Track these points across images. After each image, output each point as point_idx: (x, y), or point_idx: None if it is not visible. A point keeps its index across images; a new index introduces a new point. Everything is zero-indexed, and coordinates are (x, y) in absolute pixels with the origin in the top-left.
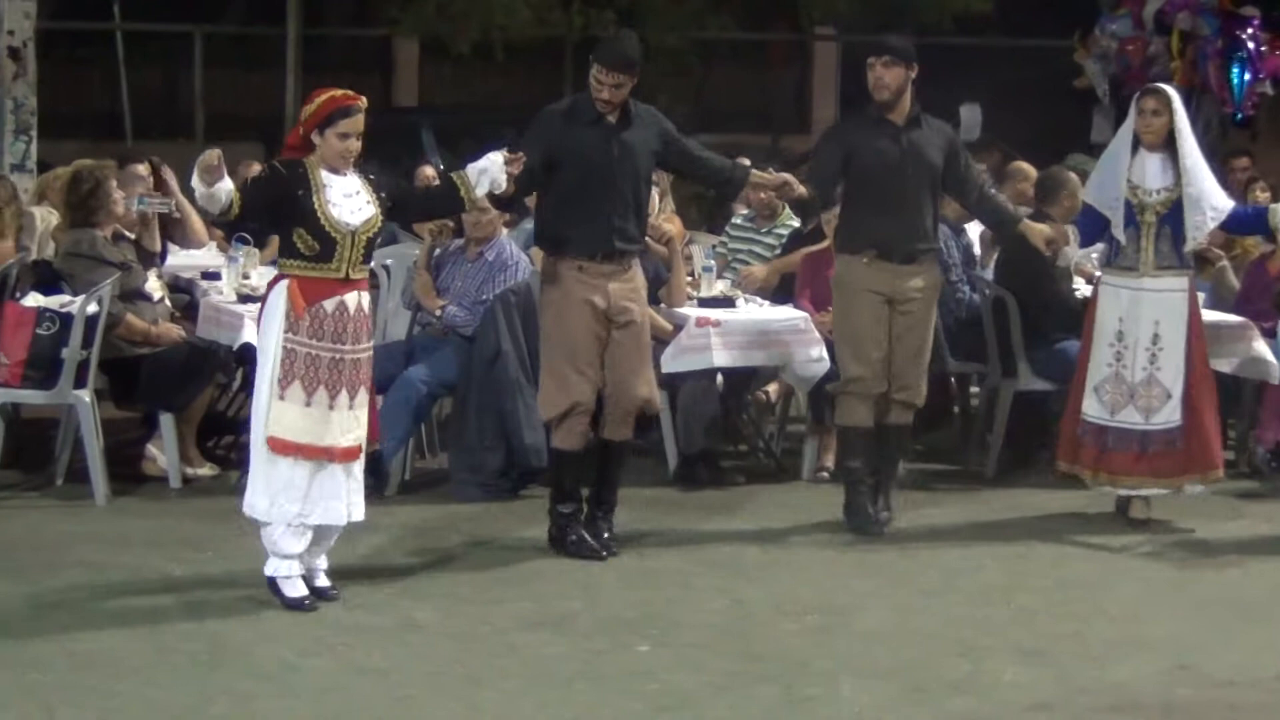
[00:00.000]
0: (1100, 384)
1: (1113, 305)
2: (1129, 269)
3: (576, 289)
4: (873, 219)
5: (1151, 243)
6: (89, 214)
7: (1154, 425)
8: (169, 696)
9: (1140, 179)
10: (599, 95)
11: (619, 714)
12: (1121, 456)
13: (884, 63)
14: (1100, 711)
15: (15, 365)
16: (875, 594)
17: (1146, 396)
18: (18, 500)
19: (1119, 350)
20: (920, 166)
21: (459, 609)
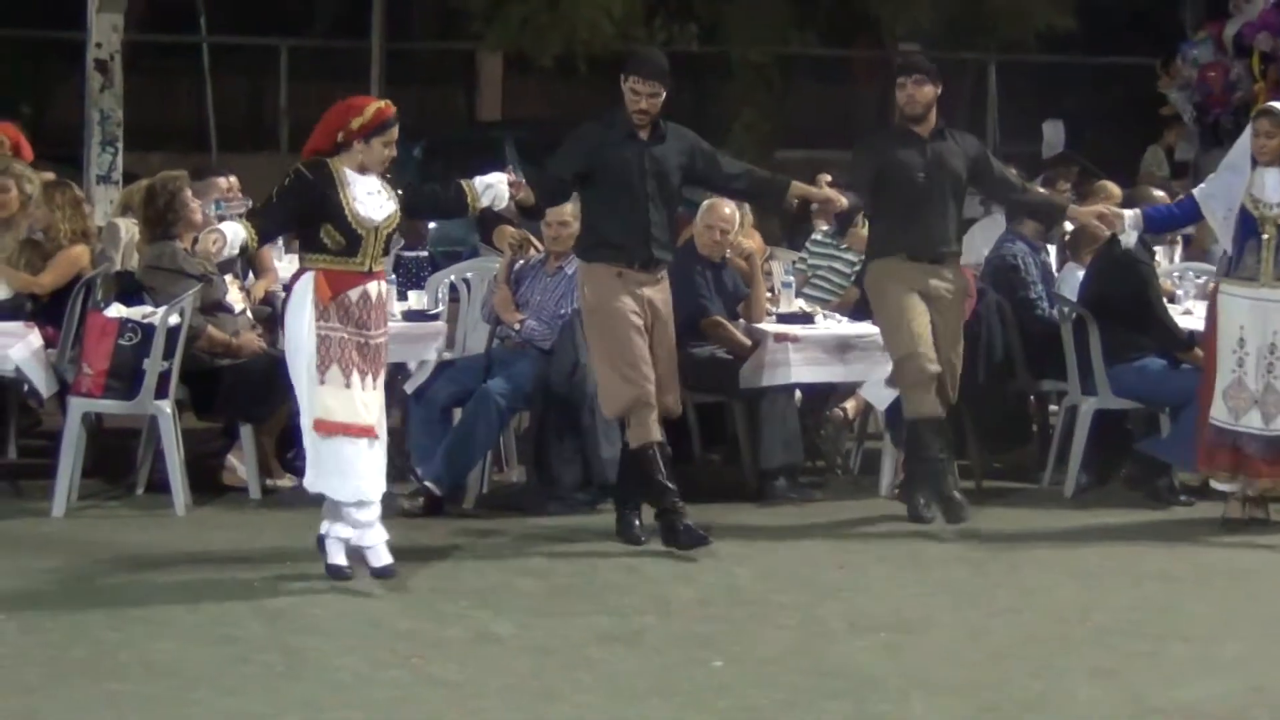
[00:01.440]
0: (1227, 389)
1: (1234, 313)
2: (1249, 279)
3: (618, 294)
4: (902, 225)
5: (1272, 254)
6: (168, 226)
7: (1275, 431)
8: (244, 706)
9: (1261, 192)
10: (637, 106)
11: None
12: (1252, 461)
13: (914, 80)
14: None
15: (98, 375)
16: (949, 611)
17: (1267, 404)
18: (99, 509)
19: (1241, 357)
20: (944, 175)
21: (534, 622)
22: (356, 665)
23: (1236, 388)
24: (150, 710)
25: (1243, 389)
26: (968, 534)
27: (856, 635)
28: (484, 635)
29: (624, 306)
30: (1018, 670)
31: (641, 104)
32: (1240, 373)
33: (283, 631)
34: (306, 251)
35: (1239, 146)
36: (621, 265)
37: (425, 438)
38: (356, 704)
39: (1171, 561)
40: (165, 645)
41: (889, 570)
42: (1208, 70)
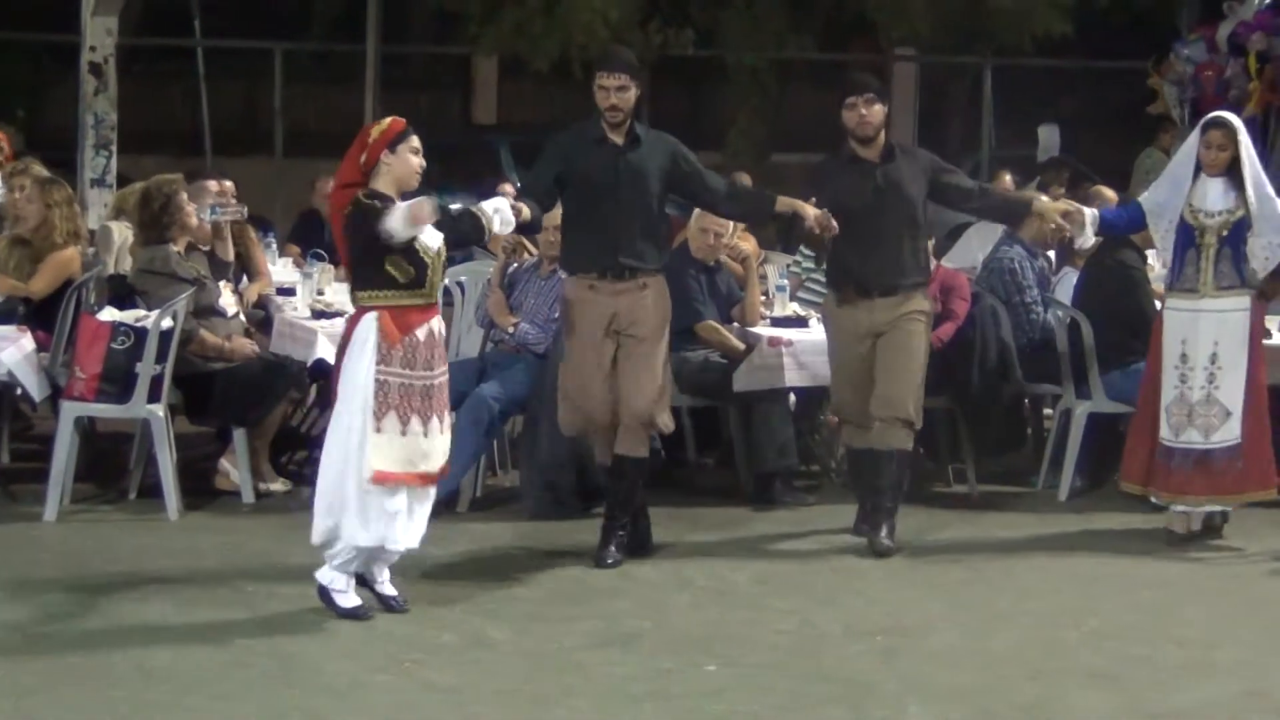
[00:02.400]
0: (1169, 406)
1: (1176, 328)
2: (1190, 290)
3: (589, 308)
4: (851, 257)
5: (1211, 264)
6: (162, 230)
7: (1214, 444)
8: (240, 711)
9: (1201, 203)
10: (607, 102)
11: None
12: (1179, 475)
13: (866, 100)
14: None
15: (90, 379)
16: (945, 616)
17: (1206, 416)
18: (91, 514)
19: (1183, 372)
20: (897, 203)
21: (529, 627)
22: (351, 670)
23: (1178, 404)
24: (145, 715)
25: (1183, 404)
26: (963, 537)
27: (852, 640)
28: (478, 640)
29: (588, 326)
30: (1014, 675)
31: (611, 99)
32: (1183, 388)
33: (277, 637)
34: (369, 289)
35: (1183, 156)
36: (593, 277)
37: None
38: (351, 709)
39: (1167, 566)
40: (159, 650)
41: (884, 574)
42: (1203, 69)
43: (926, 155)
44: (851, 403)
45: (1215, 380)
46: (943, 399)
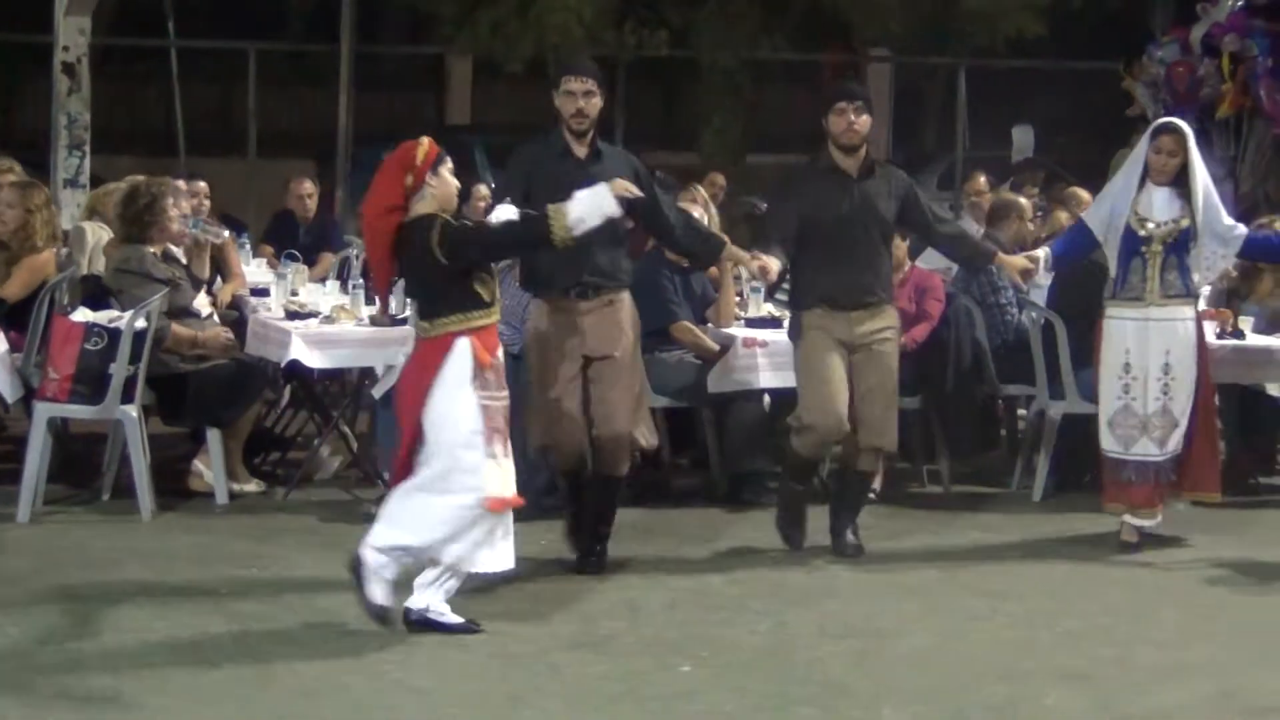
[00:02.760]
0: (1113, 418)
1: (1119, 339)
2: (1136, 299)
3: (554, 329)
4: (823, 273)
5: (1158, 273)
6: (142, 229)
7: (1167, 455)
8: (213, 713)
9: (1148, 211)
10: (574, 108)
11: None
12: (1141, 490)
13: (856, 108)
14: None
15: (63, 380)
16: (918, 617)
17: (1161, 427)
18: (64, 515)
19: (1127, 382)
20: (872, 219)
21: (502, 628)
22: (324, 672)
23: (1124, 415)
24: (117, 716)
25: (1130, 416)
26: (937, 538)
27: (826, 641)
28: (452, 642)
29: (559, 344)
30: (987, 676)
31: (578, 103)
32: (1127, 399)
33: (250, 638)
34: (457, 313)
35: (1130, 164)
36: (556, 296)
37: (393, 442)
38: (325, 711)
39: (1140, 567)
40: (132, 651)
41: (858, 576)
42: (1175, 67)
43: (904, 178)
44: (836, 427)
45: (1170, 391)
46: (917, 400)
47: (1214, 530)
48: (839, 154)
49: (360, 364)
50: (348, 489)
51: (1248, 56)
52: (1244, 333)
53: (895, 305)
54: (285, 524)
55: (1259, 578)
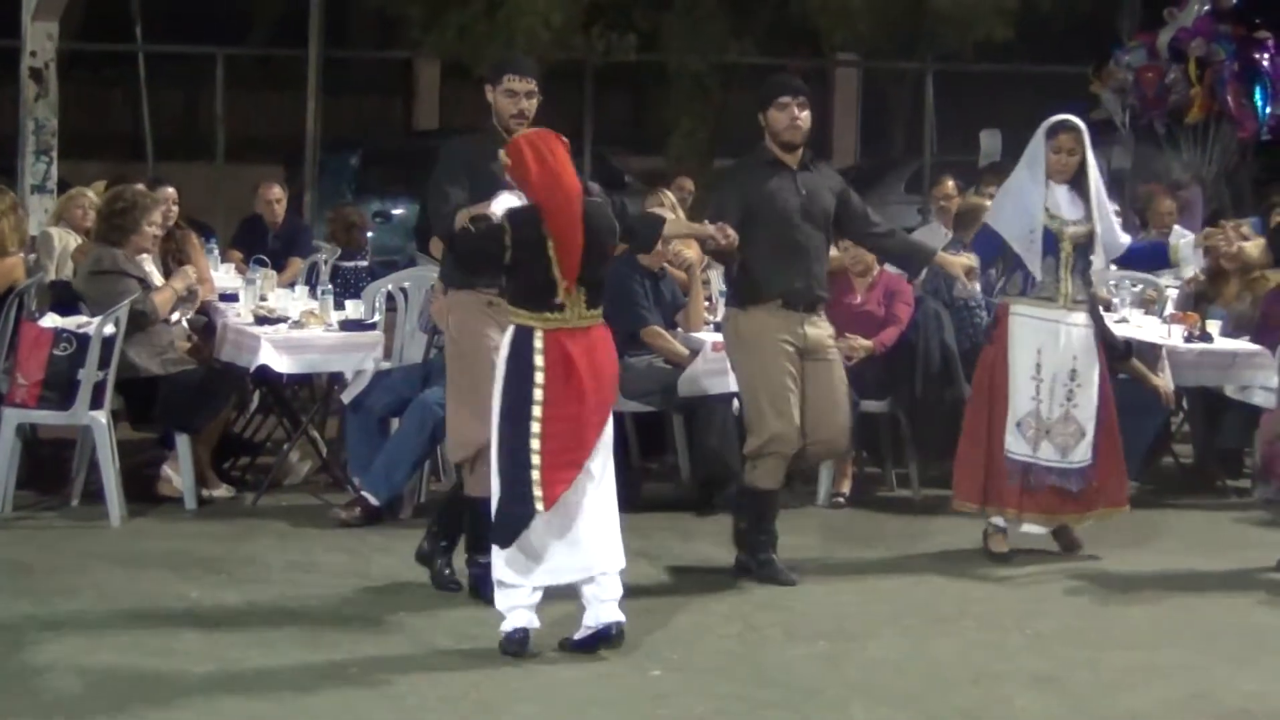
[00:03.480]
0: (1023, 420)
1: (1029, 338)
2: (1048, 299)
3: (484, 328)
4: (776, 268)
5: (1069, 274)
6: (117, 232)
7: (1070, 464)
8: (183, 716)
9: (1057, 209)
10: (515, 108)
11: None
12: (1044, 495)
13: (800, 103)
14: None
15: (32, 386)
16: (888, 620)
17: (1063, 434)
18: (34, 520)
19: (1037, 384)
20: (816, 214)
21: (473, 631)
22: (295, 677)
23: (1035, 417)
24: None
25: (1038, 419)
26: (906, 541)
27: (796, 644)
28: (422, 645)
29: (487, 345)
30: (957, 679)
31: (520, 104)
32: (1037, 401)
33: (221, 644)
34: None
35: (1027, 162)
36: (491, 293)
37: (362, 447)
38: (297, 715)
39: (1108, 569)
40: (102, 656)
41: (828, 579)
42: (1144, 72)
43: (837, 175)
44: (792, 424)
45: (1074, 398)
46: (886, 403)
47: (1183, 533)
48: (779, 150)
49: (329, 369)
50: (317, 494)
51: (1214, 61)
52: (1211, 336)
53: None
54: (255, 529)
55: (1228, 580)
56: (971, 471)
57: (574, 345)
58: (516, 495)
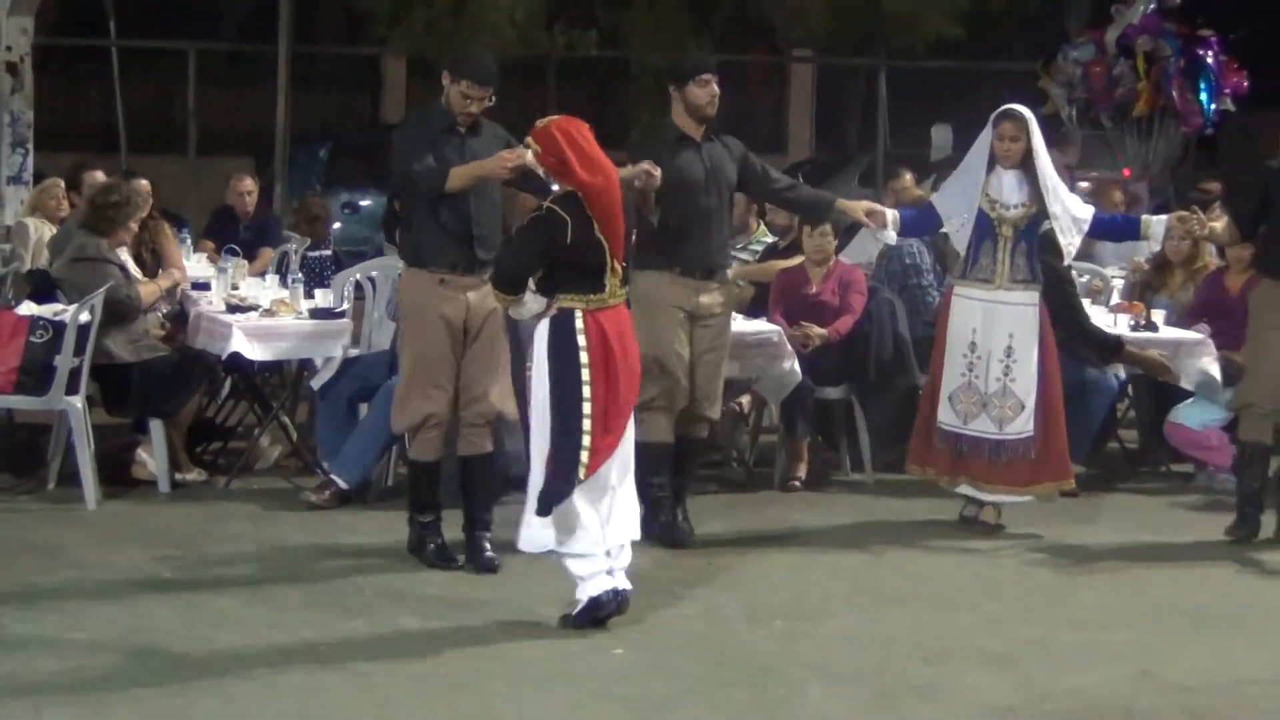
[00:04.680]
0: (954, 393)
1: (966, 317)
2: (985, 281)
3: (436, 303)
4: (679, 237)
5: (1008, 255)
6: (105, 222)
7: (1008, 435)
8: (156, 696)
9: (999, 194)
10: (465, 109)
11: (594, 716)
12: (975, 464)
13: (715, 81)
14: (1062, 716)
15: (9, 372)
16: (843, 600)
17: (1000, 407)
18: (11, 503)
19: (971, 361)
20: (720, 183)
21: (440, 612)
22: (268, 656)
23: (965, 391)
24: (64, 700)
25: (972, 392)
26: (861, 523)
27: (754, 624)
28: (392, 627)
29: (441, 319)
30: (910, 657)
31: (472, 108)
32: (970, 376)
33: (194, 624)
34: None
35: (975, 149)
36: (444, 271)
37: (331, 432)
38: (268, 694)
39: (1059, 550)
40: (78, 636)
41: (786, 559)
42: (1092, 66)
43: (738, 143)
44: (676, 383)
45: (1010, 373)
46: (841, 389)
47: (1131, 515)
48: (690, 123)
49: (299, 356)
50: (287, 477)
51: (1161, 57)
52: (1156, 325)
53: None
54: (227, 511)
55: (1175, 560)
56: (918, 439)
57: (609, 323)
58: (565, 468)
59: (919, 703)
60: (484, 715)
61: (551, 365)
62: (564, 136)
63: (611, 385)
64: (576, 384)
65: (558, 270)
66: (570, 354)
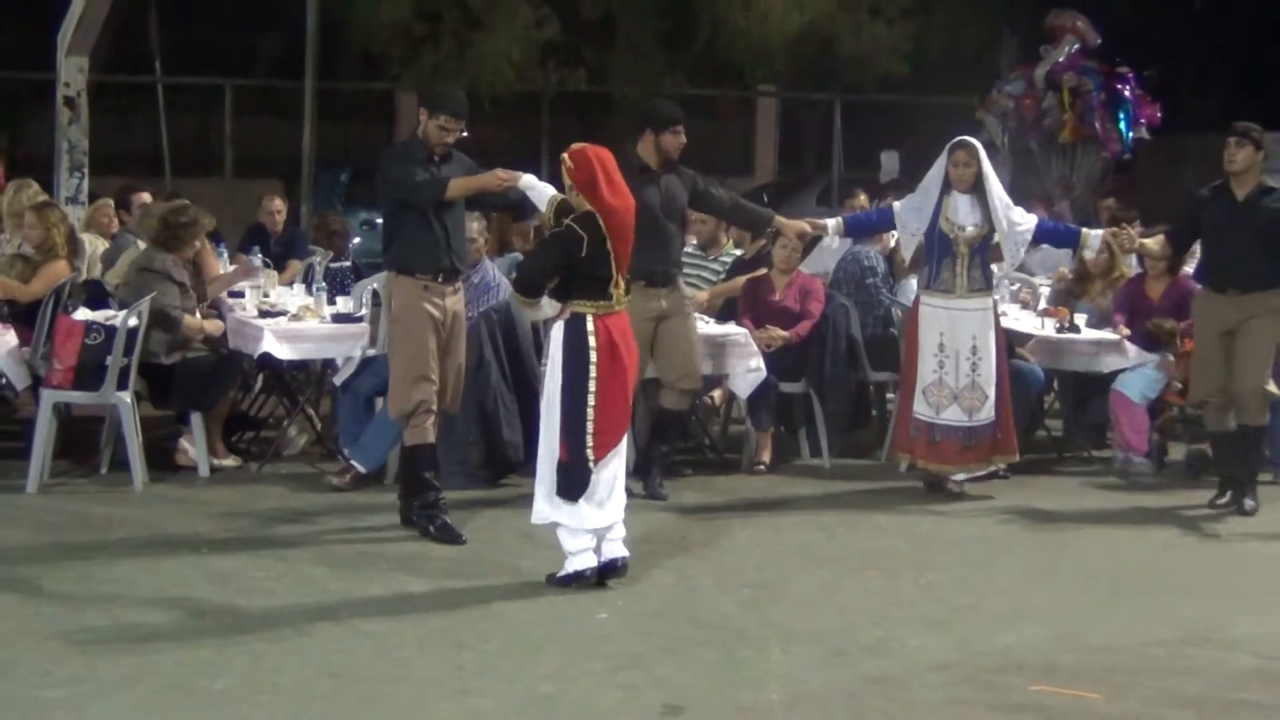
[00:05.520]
0: (927, 388)
1: (933, 323)
2: (947, 292)
3: (422, 304)
4: (642, 255)
5: (965, 270)
6: (175, 240)
7: (977, 422)
8: (196, 655)
9: (955, 216)
10: (443, 140)
11: (581, 673)
12: (947, 447)
13: (683, 130)
14: (993, 672)
15: (67, 370)
16: (802, 571)
17: (970, 399)
18: (68, 486)
19: (941, 359)
20: (674, 206)
21: (446, 582)
22: (293, 619)
23: (937, 386)
24: (115, 660)
25: (943, 387)
26: (818, 502)
27: (724, 591)
28: (403, 593)
29: (427, 318)
30: (861, 621)
31: (449, 138)
32: (941, 373)
33: (229, 591)
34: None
35: (932, 173)
36: (427, 278)
37: (351, 423)
38: (294, 653)
39: (989, 525)
40: (127, 603)
41: (751, 534)
42: (1023, 99)
43: (690, 171)
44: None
45: (977, 369)
46: (800, 384)
47: (1055, 494)
48: (655, 158)
49: (323, 356)
50: (312, 463)
51: (1084, 91)
52: (1079, 327)
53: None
54: (259, 493)
55: (1093, 535)
56: (901, 430)
57: (614, 327)
58: (578, 455)
59: (868, 660)
60: (485, 671)
61: (565, 362)
62: (597, 160)
63: (618, 379)
64: (585, 381)
65: (572, 280)
66: (583, 356)
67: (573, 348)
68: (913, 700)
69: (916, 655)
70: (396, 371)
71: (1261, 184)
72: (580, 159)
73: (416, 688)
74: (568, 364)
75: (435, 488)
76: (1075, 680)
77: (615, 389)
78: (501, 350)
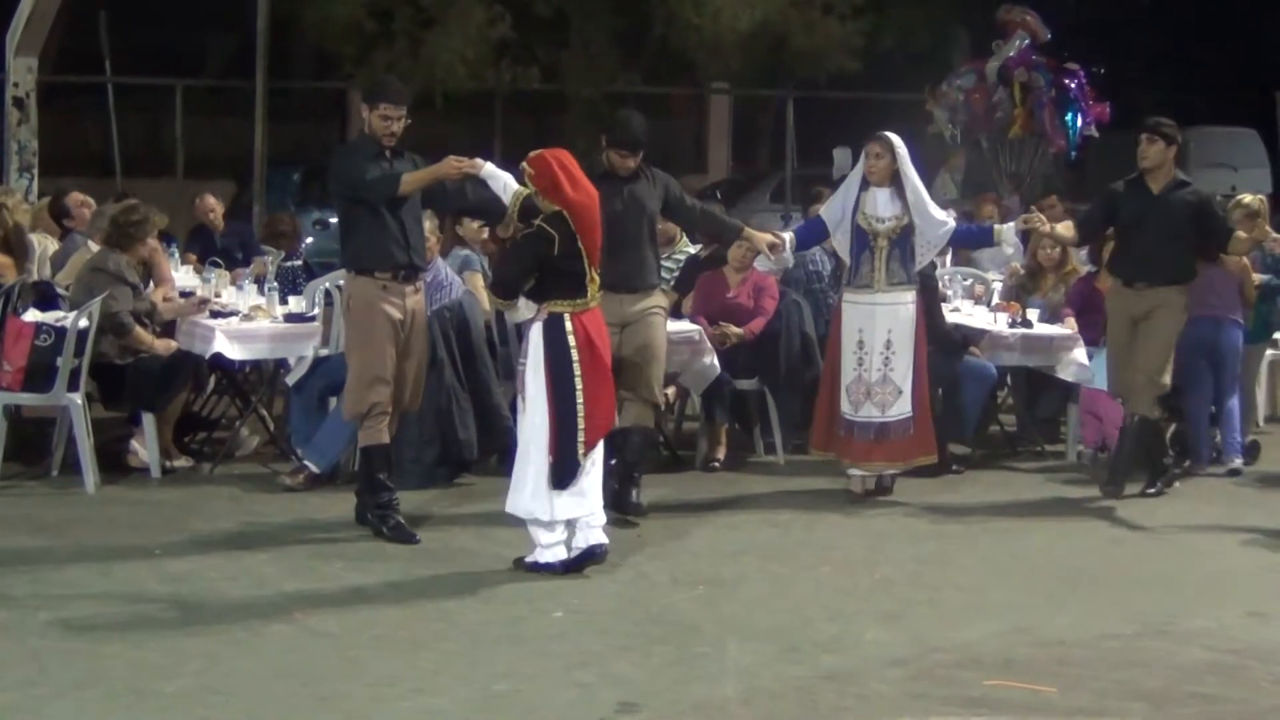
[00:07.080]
0: (849, 386)
1: (853, 319)
2: (865, 287)
3: (381, 305)
4: (606, 262)
5: (883, 263)
6: (127, 239)
7: (890, 417)
8: (149, 658)
9: (873, 209)
10: (389, 130)
11: (537, 670)
12: (861, 445)
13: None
14: (949, 667)
15: (16, 371)
16: (757, 567)
17: (882, 393)
18: (19, 489)
19: (860, 356)
20: (639, 214)
21: (401, 582)
22: (247, 620)
23: (856, 384)
24: (67, 664)
25: (860, 384)
26: (773, 499)
27: (679, 588)
28: (358, 593)
29: (385, 318)
30: (816, 616)
31: (393, 127)
32: (860, 370)
33: (182, 593)
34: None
35: (853, 171)
36: (386, 277)
37: (304, 423)
38: (248, 654)
39: (944, 521)
40: (79, 606)
41: (706, 531)
42: (973, 93)
43: (664, 176)
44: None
45: (890, 363)
46: (754, 381)
47: (1009, 489)
48: (617, 166)
49: (275, 356)
50: (265, 464)
51: (1035, 87)
52: (1031, 322)
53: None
54: (211, 493)
55: (1047, 529)
56: (819, 425)
57: (590, 324)
58: (568, 449)
59: (823, 656)
60: (441, 670)
61: (548, 362)
62: (556, 162)
63: (600, 372)
64: (570, 376)
65: (547, 279)
66: (564, 355)
67: (553, 348)
68: (868, 695)
69: (872, 650)
70: (353, 372)
71: (1176, 178)
72: (539, 164)
73: (372, 687)
74: (550, 364)
75: (389, 488)
76: (1031, 674)
77: (599, 381)
78: (455, 349)
